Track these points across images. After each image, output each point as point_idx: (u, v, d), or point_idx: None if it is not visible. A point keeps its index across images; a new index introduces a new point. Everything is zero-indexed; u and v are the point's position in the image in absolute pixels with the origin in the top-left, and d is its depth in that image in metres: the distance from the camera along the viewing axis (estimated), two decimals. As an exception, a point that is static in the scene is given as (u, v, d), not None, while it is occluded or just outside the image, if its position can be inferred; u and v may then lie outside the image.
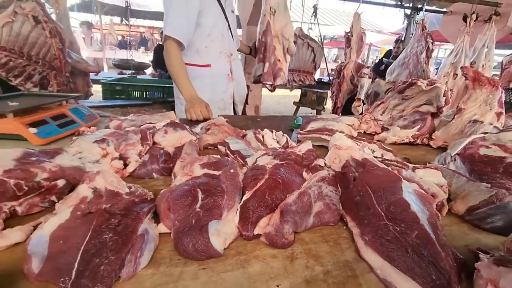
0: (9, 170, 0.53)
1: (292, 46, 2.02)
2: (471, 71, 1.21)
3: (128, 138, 0.81)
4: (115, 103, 1.77)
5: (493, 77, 1.67)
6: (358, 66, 2.76)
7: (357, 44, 2.77)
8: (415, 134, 1.13)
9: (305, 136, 1.07)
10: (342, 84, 2.82)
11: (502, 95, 1.16)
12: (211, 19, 1.57)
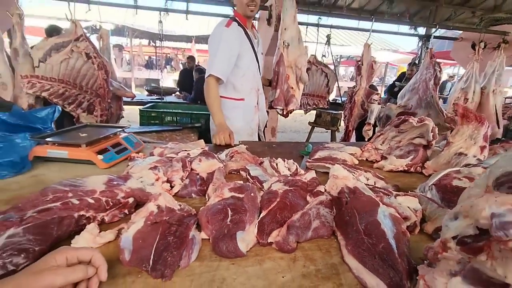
0: (102, 191, 0.79)
1: (304, 75, 2.27)
2: (460, 108, 1.38)
3: (173, 165, 1.06)
4: (152, 129, 2.07)
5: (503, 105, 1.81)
6: (368, 92, 2.96)
7: (367, 72, 2.98)
8: (408, 164, 1.32)
9: (312, 164, 1.28)
10: (353, 109, 3.02)
11: (487, 130, 1.33)
12: (246, 62, 1.94)
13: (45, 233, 0.65)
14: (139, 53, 11.10)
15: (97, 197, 0.78)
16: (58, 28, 3.68)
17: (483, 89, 3.21)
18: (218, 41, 1.81)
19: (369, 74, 3.00)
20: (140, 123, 2.69)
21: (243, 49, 1.89)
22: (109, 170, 1.19)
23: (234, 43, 1.84)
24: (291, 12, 2.02)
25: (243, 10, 1.87)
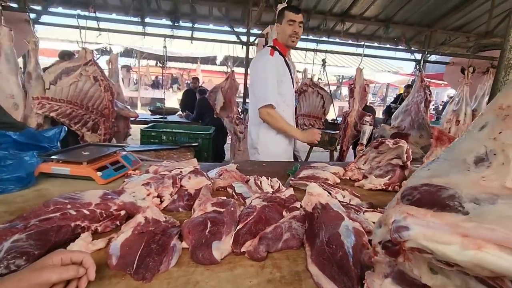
0: (97, 204, 0.89)
1: None
2: (436, 131, 1.49)
3: (164, 182, 1.16)
4: (151, 147, 2.20)
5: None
6: (361, 114, 3.08)
7: (360, 94, 3.11)
8: (386, 183, 1.40)
9: (295, 182, 1.37)
10: (346, 129, 3.13)
11: (461, 152, 1.42)
12: (287, 88, 2.07)
13: (45, 239, 0.75)
14: (145, 74, 11.55)
15: (92, 209, 0.88)
16: (70, 53, 3.94)
17: (474, 111, 3.31)
18: (265, 70, 1.92)
19: (362, 96, 3.14)
20: (141, 141, 2.84)
21: (285, 77, 2.02)
22: (107, 186, 1.29)
23: (279, 71, 1.96)
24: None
25: (285, 40, 1.99)
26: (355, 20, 5.63)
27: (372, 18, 5.62)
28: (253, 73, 2.06)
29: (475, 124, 0.48)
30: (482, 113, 0.48)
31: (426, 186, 0.46)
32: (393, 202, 0.56)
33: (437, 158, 0.51)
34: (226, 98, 3.38)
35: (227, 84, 3.38)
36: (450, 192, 0.43)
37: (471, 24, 5.66)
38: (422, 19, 5.54)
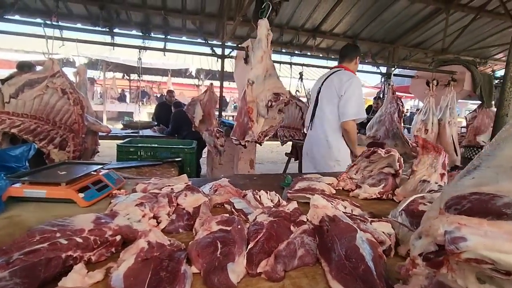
0: (90, 230, 0.79)
1: (261, 109, 2.30)
2: (420, 139, 1.55)
3: (159, 201, 1.07)
4: (131, 164, 2.05)
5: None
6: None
7: None
8: (380, 191, 1.43)
9: (293, 195, 1.35)
10: None
11: (445, 158, 1.50)
12: None
13: (32, 276, 0.64)
14: (112, 86, 11.02)
15: (86, 236, 0.77)
16: (30, 64, 3.65)
17: (440, 120, 3.58)
18: (360, 88, 2.34)
19: None
20: (118, 158, 2.64)
21: None
22: (90, 208, 1.17)
23: None
24: (257, 53, 2.19)
25: (355, 69, 2.52)
26: (325, 36, 5.91)
27: (341, 34, 5.94)
28: (351, 87, 2.29)
29: (510, 132, 0.49)
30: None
31: (476, 195, 0.46)
32: (432, 212, 0.55)
33: (475, 166, 0.51)
34: (205, 111, 3.31)
35: (206, 97, 3.31)
36: (505, 200, 0.42)
37: (428, 42, 6.21)
38: (386, 36, 5.97)
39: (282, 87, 2.11)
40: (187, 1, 4.77)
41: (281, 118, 2.21)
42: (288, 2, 5.18)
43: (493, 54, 7.17)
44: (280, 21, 5.54)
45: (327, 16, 5.37)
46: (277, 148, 8.40)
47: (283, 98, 2.07)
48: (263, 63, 2.17)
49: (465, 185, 0.48)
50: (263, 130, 2.16)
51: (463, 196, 0.47)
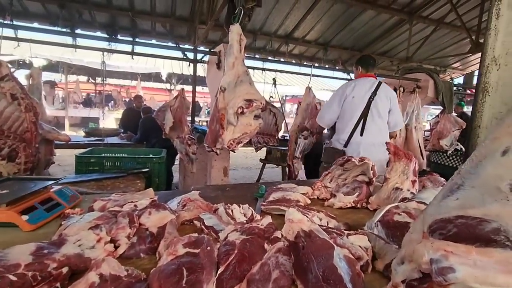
0: (28, 264, 0.66)
1: (230, 117, 2.21)
2: (392, 146, 1.57)
3: (118, 222, 0.96)
4: (90, 177, 1.86)
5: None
6: (301, 128, 3.20)
7: (305, 112, 3.22)
8: (355, 200, 1.41)
9: (267, 208, 1.28)
10: (290, 144, 3.24)
11: (415, 165, 1.52)
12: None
13: None
14: (75, 90, 10.33)
15: (22, 272, 0.65)
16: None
17: (407, 126, 3.73)
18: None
19: (313, 114, 3.24)
20: (76, 170, 2.39)
21: None
22: (35, 232, 1.02)
23: None
24: (228, 59, 2.14)
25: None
26: (298, 43, 6.00)
27: (312, 41, 6.06)
28: (395, 100, 2.76)
29: (491, 149, 0.46)
30: (495, 137, 0.47)
31: (462, 219, 0.42)
32: (415, 235, 0.51)
33: (458, 185, 0.48)
34: (176, 117, 3.17)
35: (176, 103, 3.18)
36: (494, 225, 0.39)
37: (394, 50, 6.54)
38: (355, 44, 6.19)
39: (256, 93, 2.05)
40: (157, 3, 4.60)
41: (257, 125, 2.14)
42: (260, 9, 5.18)
43: (451, 63, 7.71)
44: (253, 27, 5.53)
45: (299, 23, 5.45)
46: (252, 153, 8.36)
47: (257, 104, 2.01)
48: (234, 70, 2.11)
49: (450, 206, 0.44)
50: (234, 137, 2.08)
51: (448, 220, 0.43)
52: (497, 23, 0.66)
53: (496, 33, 0.66)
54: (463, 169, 0.49)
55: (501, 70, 0.66)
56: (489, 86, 0.67)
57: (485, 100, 0.68)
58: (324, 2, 4.95)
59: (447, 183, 0.51)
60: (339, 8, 5.12)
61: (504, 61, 0.65)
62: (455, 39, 6.34)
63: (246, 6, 2.99)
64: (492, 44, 0.66)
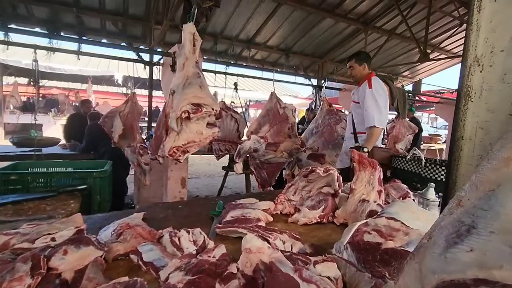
0: None
1: (171, 121, 1.93)
2: (356, 154, 1.48)
3: (16, 269, 0.71)
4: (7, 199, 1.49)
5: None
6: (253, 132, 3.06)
7: (262, 118, 3.01)
8: (320, 215, 1.29)
9: (223, 230, 1.10)
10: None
11: (380, 174, 1.45)
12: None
13: None
14: (12, 94, 9.12)
15: None
16: None
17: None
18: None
19: (277, 120, 3.11)
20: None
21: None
22: None
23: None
24: (179, 60, 1.94)
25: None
26: (260, 48, 5.94)
27: (274, 47, 6.05)
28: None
29: (507, 175, 0.34)
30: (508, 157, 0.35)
31: (485, 285, 0.28)
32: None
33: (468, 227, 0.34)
34: (127, 124, 2.85)
35: (127, 108, 2.86)
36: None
37: (350, 58, 6.78)
38: (315, 51, 6.31)
39: (206, 98, 1.85)
40: (106, 0, 4.20)
41: (210, 134, 1.95)
42: (221, 11, 5.03)
43: (402, 71, 8.27)
44: (214, 30, 5.34)
45: (260, 28, 5.39)
46: (215, 160, 8.09)
47: (207, 110, 1.82)
48: (184, 71, 1.90)
49: (462, 261, 0.31)
50: (177, 145, 1.85)
51: (464, 284, 0.29)
52: (479, 17, 0.55)
53: (477, 28, 0.56)
54: (468, 202, 0.36)
55: (485, 71, 0.55)
56: (471, 90, 0.57)
57: (467, 107, 0.57)
58: (285, 9, 4.95)
59: (446, 219, 0.38)
60: (299, 15, 5.17)
61: (488, 62, 0.55)
62: (405, 49, 6.79)
63: (203, 6, 2.81)
64: (474, 41, 0.56)
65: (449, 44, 6.80)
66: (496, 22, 0.53)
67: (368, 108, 2.40)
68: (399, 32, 5.94)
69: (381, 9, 5.34)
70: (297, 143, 2.74)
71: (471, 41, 0.56)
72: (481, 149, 0.55)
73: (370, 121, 2.37)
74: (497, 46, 0.53)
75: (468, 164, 0.57)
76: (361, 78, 2.62)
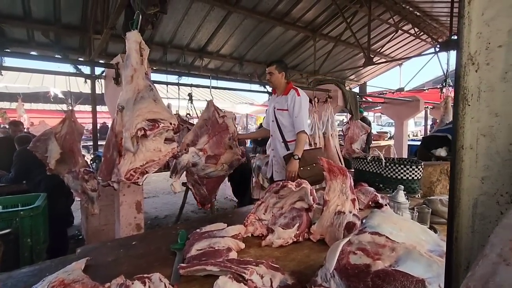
0: None
1: (126, 142, 1.73)
2: (325, 162, 1.41)
3: None
4: None
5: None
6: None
7: (199, 129, 2.75)
8: (296, 233, 1.18)
9: (187, 271, 0.92)
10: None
11: (351, 180, 1.40)
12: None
13: None
14: None
15: None
16: None
17: (324, 134, 3.87)
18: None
19: (217, 130, 2.81)
20: None
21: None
22: None
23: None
24: (126, 72, 1.71)
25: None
26: (212, 57, 5.80)
27: (227, 55, 5.96)
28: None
29: None
30: None
31: None
32: None
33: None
34: (65, 146, 2.46)
35: (64, 128, 2.47)
36: None
37: (302, 64, 7.01)
38: (268, 58, 6.37)
39: (162, 112, 1.66)
40: (32, 8, 3.69)
41: (169, 150, 1.74)
42: (169, 19, 4.79)
43: (349, 75, 8.79)
44: (162, 39, 5.07)
45: (211, 37, 5.27)
46: (174, 175, 7.65)
47: (164, 125, 1.63)
48: (133, 84, 1.68)
49: None
50: (135, 166, 1.63)
51: None
52: (470, 10, 0.48)
53: (469, 22, 0.48)
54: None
55: (481, 70, 0.48)
56: (468, 92, 0.49)
57: (465, 111, 0.49)
58: (235, 17, 4.90)
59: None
60: (250, 23, 5.17)
61: (484, 59, 0.47)
62: (351, 54, 7.23)
63: (148, 12, 2.59)
64: (466, 37, 0.48)
65: (388, 48, 7.42)
66: (490, 14, 0.47)
67: (298, 114, 2.46)
68: (344, 39, 6.29)
69: (326, 17, 5.60)
70: (238, 154, 2.55)
71: (464, 36, 0.49)
72: (487, 159, 0.48)
73: (300, 126, 2.43)
74: (493, 41, 0.47)
75: (472, 176, 0.50)
76: (279, 85, 2.61)
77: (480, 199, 0.49)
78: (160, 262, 1.06)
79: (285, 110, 2.55)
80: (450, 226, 0.51)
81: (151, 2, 2.44)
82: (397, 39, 6.94)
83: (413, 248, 0.85)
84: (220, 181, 2.74)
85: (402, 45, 7.58)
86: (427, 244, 0.90)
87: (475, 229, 0.49)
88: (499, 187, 0.47)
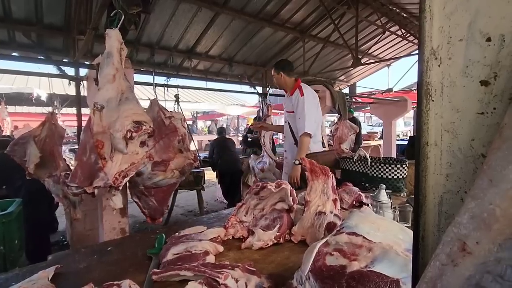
0: None
1: (117, 143, 1.63)
2: (307, 162, 1.40)
3: None
4: None
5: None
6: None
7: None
8: (276, 235, 1.16)
9: (161, 276, 0.89)
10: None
11: (333, 181, 1.38)
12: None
13: None
14: None
15: None
16: None
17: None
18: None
19: (164, 133, 2.68)
20: None
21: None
22: None
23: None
24: (107, 71, 1.66)
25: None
26: (201, 58, 5.76)
27: (216, 56, 5.93)
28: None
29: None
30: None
31: None
32: None
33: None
34: (45, 150, 2.39)
35: (44, 131, 2.39)
36: None
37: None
38: (257, 59, 6.37)
39: (144, 114, 1.63)
40: (13, 7, 3.60)
41: (144, 154, 1.70)
42: (155, 20, 4.73)
43: (338, 76, 8.86)
44: (149, 40, 5.01)
45: (200, 38, 5.23)
46: (164, 178, 7.55)
47: (146, 128, 1.59)
48: (116, 84, 1.64)
49: None
50: (120, 169, 1.59)
51: None
52: (431, 4, 0.46)
53: (431, 16, 0.47)
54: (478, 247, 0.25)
55: (444, 65, 0.47)
56: (431, 88, 0.48)
57: (429, 107, 0.48)
58: (224, 18, 4.88)
59: (448, 272, 0.26)
60: (238, 24, 5.15)
61: (446, 54, 0.46)
62: (340, 55, 7.29)
63: (130, 12, 2.55)
64: (428, 31, 0.47)
65: (376, 50, 7.51)
66: (451, 7, 0.46)
67: (301, 115, 2.37)
68: (333, 40, 6.34)
69: (315, 18, 5.62)
70: (190, 158, 2.25)
71: (425, 31, 0.48)
72: (450, 156, 0.47)
73: (303, 128, 2.35)
74: (454, 35, 0.46)
75: (437, 174, 0.49)
76: (285, 86, 2.57)
77: (444, 196, 0.47)
78: (135, 268, 1.02)
79: (291, 112, 2.50)
80: (416, 225, 0.49)
81: (133, 1, 2.40)
82: (385, 40, 7.03)
83: (390, 248, 0.84)
84: (171, 189, 2.32)
85: (390, 46, 7.69)
86: (404, 243, 0.89)
87: (441, 227, 0.48)
88: (461, 185, 0.45)
